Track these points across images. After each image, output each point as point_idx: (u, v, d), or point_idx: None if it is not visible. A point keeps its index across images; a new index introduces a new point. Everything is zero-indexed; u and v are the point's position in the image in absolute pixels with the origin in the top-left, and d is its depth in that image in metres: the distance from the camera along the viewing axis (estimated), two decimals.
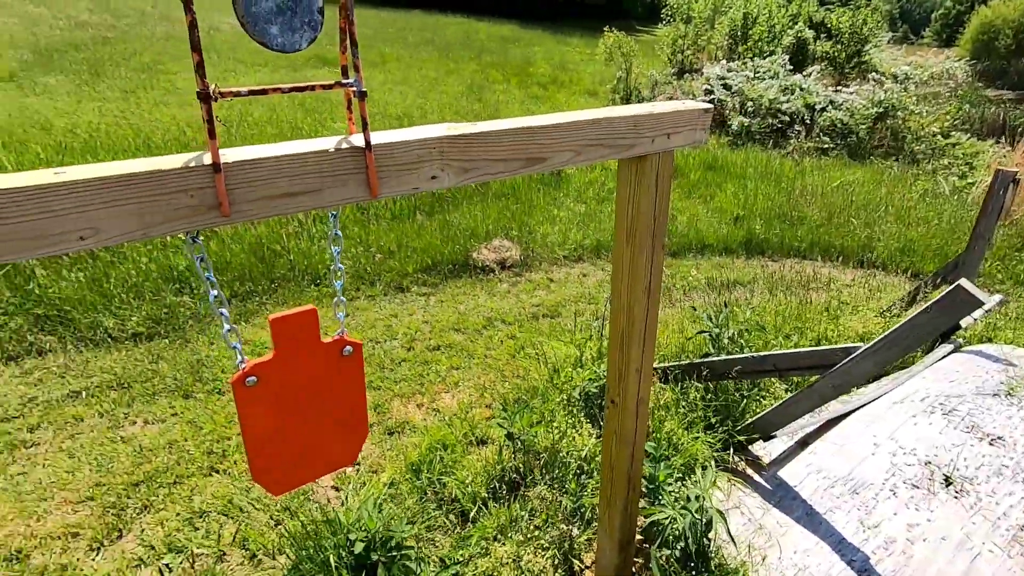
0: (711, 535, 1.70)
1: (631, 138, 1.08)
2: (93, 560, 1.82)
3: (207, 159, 0.72)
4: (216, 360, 3.12)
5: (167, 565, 1.81)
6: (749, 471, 2.12)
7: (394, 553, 1.61)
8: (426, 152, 0.86)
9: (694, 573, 1.66)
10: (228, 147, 0.75)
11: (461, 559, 1.76)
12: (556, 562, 1.78)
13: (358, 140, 0.81)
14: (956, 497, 1.77)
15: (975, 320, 2.75)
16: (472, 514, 1.91)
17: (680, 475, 1.86)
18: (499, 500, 1.96)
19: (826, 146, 9.02)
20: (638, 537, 1.83)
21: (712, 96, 10.67)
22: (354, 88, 0.78)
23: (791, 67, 12.15)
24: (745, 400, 2.30)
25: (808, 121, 9.53)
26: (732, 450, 2.13)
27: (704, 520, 1.63)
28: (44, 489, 2.10)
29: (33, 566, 1.77)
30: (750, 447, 2.23)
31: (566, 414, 2.35)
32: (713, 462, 2.05)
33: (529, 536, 1.82)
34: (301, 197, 0.78)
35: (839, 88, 11.22)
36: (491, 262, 4.57)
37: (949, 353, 2.63)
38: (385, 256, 4.38)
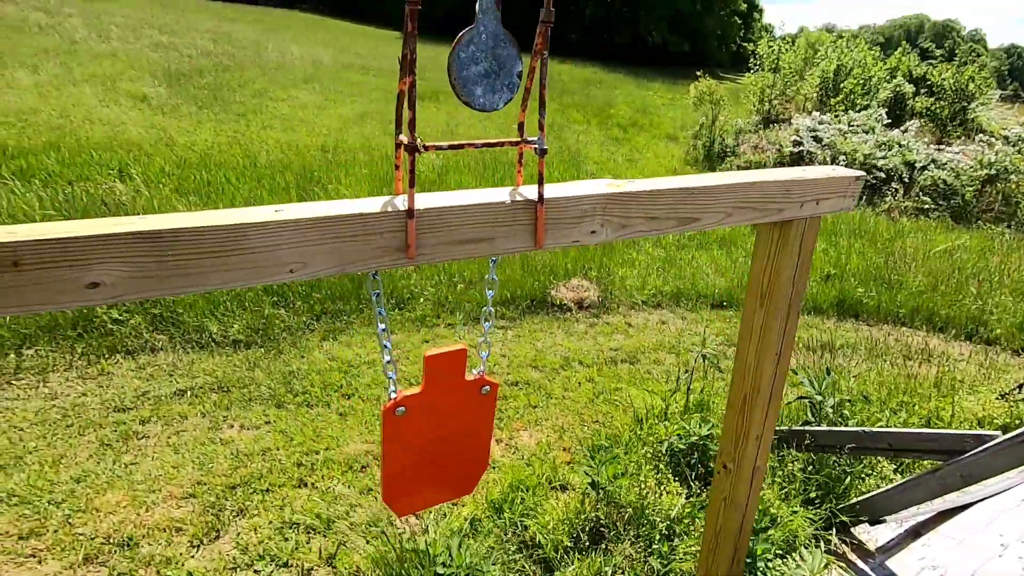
0: None
1: (781, 202, 1.06)
2: (193, 557, 1.91)
3: (400, 204, 0.77)
4: (306, 374, 3.26)
5: (257, 572, 1.87)
6: (852, 556, 1.96)
7: None
8: (591, 208, 0.89)
9: None
10: (323, 169, 0.80)
11: None
12: None
13: (531, 193, 0.85)
14: None
15: None
16: (555, 562, 1.87)
17: (780, 551, 1.74)
18: (582, 551, 1.90)
19: (927, 206, 8.49)
20: None
21: (801, 148, 10.36)
22: (536, 146, 0.82)
23: (888, 121, 11.62)
24: (848, 476, 2.15)
25: (907, 179, 9.03)
26: (835, 531, 1.98)
27: None
28: (153, 480, 2.25)
29: (141, 555, 1.89)
30: (853, 529, 2.07)
31: (652, 468, 2.28)
32: (815, 542, 1.91)
33: None
34: (475, 244, 0.82)
35: (941, 146, 10.60)
36: (569, 301, 4.57)
37: None
38: (466, 285, 4.48)
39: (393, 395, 0.91)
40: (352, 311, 4.05)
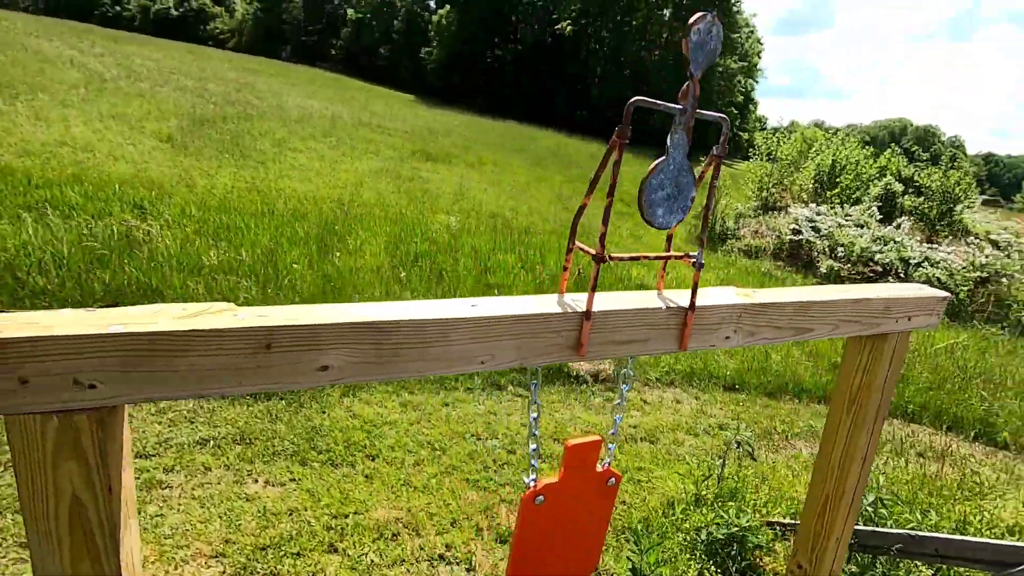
0: None
1: (880, 317, 1.14)
2: None
3: (574, 305, 0.83)
4: (329, 430, 3.22)
5: None
6: None
7: None
8: (728, 316, 0.96)
9: None
10: (341, 223, 0.87)
11: None
12: None
13: (680, 299, 0.92)
14: None
15: None
16: None
17: None
18: None
19: None
20: None
21: (800, 236, 10.75)
22: (695, 260, 0.90)
23: (880, 217, 12.16)
24: None
25: (903, 275, 9.36)
26: None
27: None
28: (181, 536, 2.18)
29: None
30: None
31: (688, 557, 2.25)
32: None
33: None
34: (633, 344, 0.88)
35: (931, 243, 11.05)
36: (586, 373, 4.60)
37: None
38: None
39: (532, 483, 0.94)
40: None
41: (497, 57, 37.22)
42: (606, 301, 0.87)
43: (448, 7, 38.10)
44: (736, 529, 2.25)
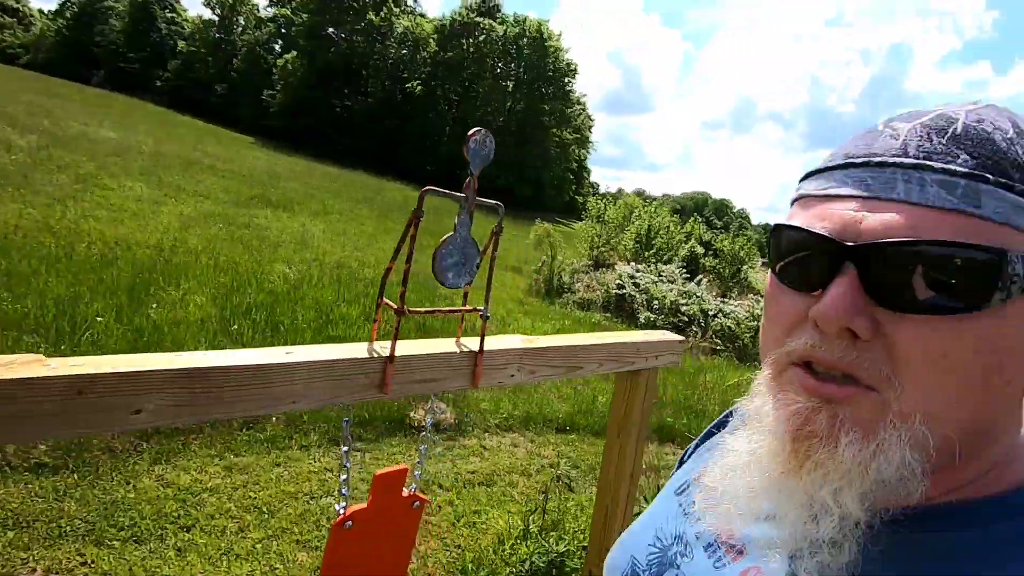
0: None
1: (634, 357, 1.47)
2: None
3: (383, 351, 0.99)
4: (133, 503, 2.88)
5: None
6: None
7: None
8: (512, 358, 1.19)
9: None
10: (159, 271, 1.03)
11: None
12: None
13: (472, 345, 1.12)
14: None
15: None
16: None
17: None
18: None
19: (718, 347, 10.35)
20: None
21: (624, 291, 12.12)
22: (481, 312, 1.11)
23: (688, 274, 14.25)
24: None
25: (703, 324, 11.00)
26: None
27: None
28: None
29: None
30: None
31: None
32: None
33: None
34: (432, 383, 1.06)
35: (725, 299, 13.19)
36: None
37: None
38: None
39: (342, 511, 1.04)
40: (192, 430, 3.71)
41: (346, 107, 37.08)
42: (410, 347, 1.04)
43: (294, 52, 37.34)
44: (555, 555, 2.49)
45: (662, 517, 0.68)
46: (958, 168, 0.41)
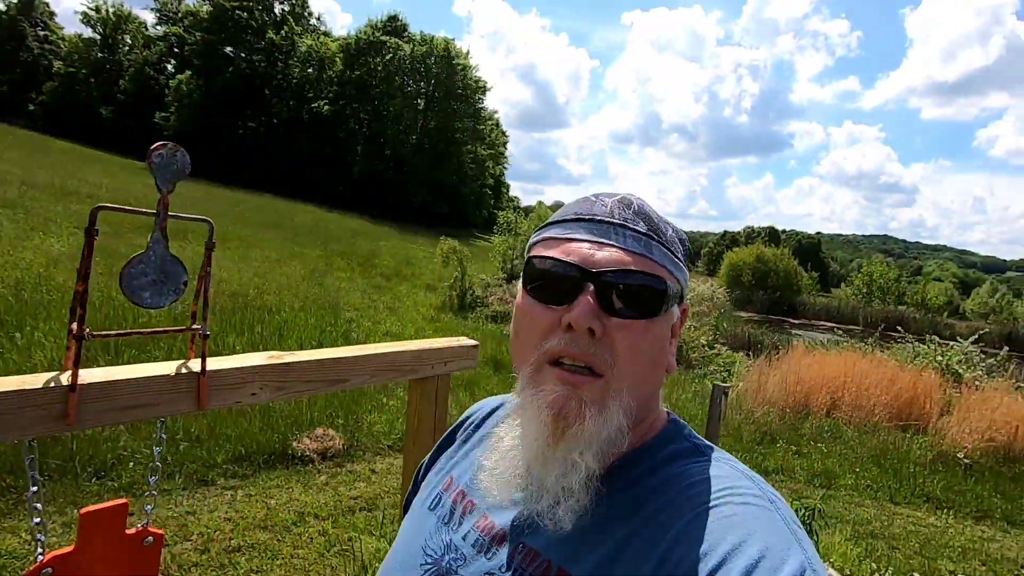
0: None
1: (415, 366, 1.48)
2: None
3: (64, 380, 0.93)
4: None
5: None
6: None
7: None
8: (251, 375, 1.16)
9: None
10: (13, 312, 0.97)
11: None
12: None
13: (196, 366, 1.08)
14: None
15: None
16: None
17: None
18: None
19: None
20: None
21: None
22: (199, 331, 1.08)
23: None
24: None
25: None
26: None
27: None
28: None
29: None
30: None
31: None
32: None
33: None
34: (142, 408, 1.01)
35: None
36: (312, 452, 4.50)
37: None
38: (191, 443, 4.10)
39: (40, 557, 0.96)
40: (22, 487, 3.34)
41: (250, 129, 35.52)
42: (112, 372, 0.99)
43: (189, 72, 35.33)
44: None
45: (423, 534, 0.75)
46: (640, 229, 0.66)
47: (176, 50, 39.43)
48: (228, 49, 35.10)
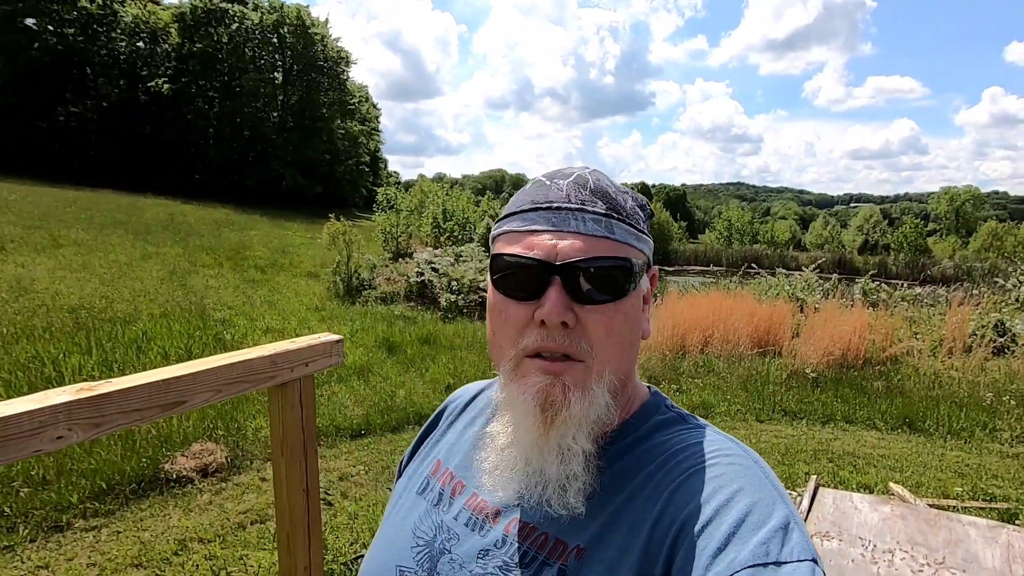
0: None
1: (271, 372, 1.35)
2: None
3: None
4: None
5: None
6: None
7: None
8: (52, 418, 0.97)
9: None
10: None
11: None
12: None
13: None
14: None
15: None
16: None
17: None
18: None
19: None
20: None
21: (423, 277, 12.12)
22: None
23: (486, 250, 14.77)
24: None
25: None
26: None
27: None
28: None
29: None
30: None
31: None
32: None
33: None
34: None
35: None
36: (189, 470, 4.10)
37: None
38: (35, 489, 3.56)
39: None
40: None
41: (74, 115, 30.70)
42: None
43: None
44: None
45: (412, 518, 0.75)
46: (599, 211, 0.65)
47: None
48: (30, 21, 29.72)
